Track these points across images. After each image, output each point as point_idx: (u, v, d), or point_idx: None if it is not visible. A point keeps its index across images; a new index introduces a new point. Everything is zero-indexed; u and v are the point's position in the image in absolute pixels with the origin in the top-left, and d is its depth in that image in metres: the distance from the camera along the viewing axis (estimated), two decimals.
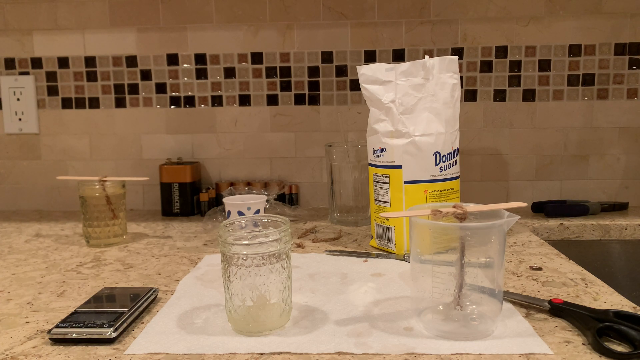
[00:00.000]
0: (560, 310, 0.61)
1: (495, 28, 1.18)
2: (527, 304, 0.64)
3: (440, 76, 0.84)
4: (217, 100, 1.24)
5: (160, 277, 0.78)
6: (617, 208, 1.15)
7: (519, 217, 0.57)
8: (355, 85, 1.21)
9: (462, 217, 0.57)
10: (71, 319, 0.59)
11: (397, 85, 0.84)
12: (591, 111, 1.19)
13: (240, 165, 1.25)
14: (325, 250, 0.89)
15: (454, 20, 1.18)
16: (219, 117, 1.24)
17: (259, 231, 0.61)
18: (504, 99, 1.20)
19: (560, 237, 1.07)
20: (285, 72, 1.22)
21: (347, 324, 0.60)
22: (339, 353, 0.53)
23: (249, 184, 1.21)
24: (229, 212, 0.94)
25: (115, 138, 1.26)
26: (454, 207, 0.57)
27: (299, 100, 1.22)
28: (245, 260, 0.56)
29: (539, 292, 0.69)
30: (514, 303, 0.65)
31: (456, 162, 0.86)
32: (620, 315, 0.57)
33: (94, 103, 1.25)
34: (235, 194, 1.00)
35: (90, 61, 1.24)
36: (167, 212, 1.19)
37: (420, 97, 0.83)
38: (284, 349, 0.54)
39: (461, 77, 1.18)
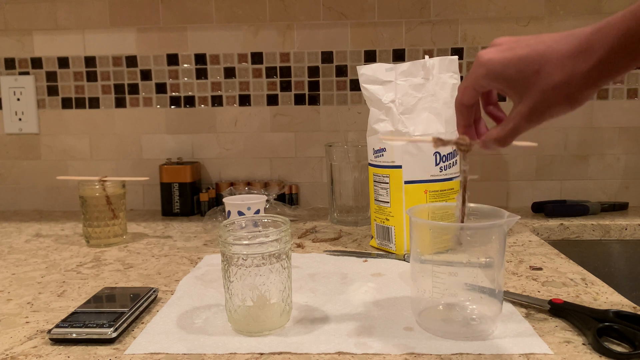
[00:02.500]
0: (560, 310, 0.61)
1: (495, 28, 1.18)
2: (527, 304, 0.64)
3: (440, 76, 0.84)
4: (217, 100, 1.24)
5: (160, 277, 0.78)
6: (617, 208, 1.15)
7: (520, 217, 0.57)
8: (355, 85, 1.21)
9: (465, 149, 0.53)
10: (71, 319, 0.59)
11: (397, 85, 0.84)
12: (591, 111, 1.19)
13: (240, 165, 1.25)
14: (325, 250, 0.89)
15: (454, 20, 1.18)
16: (219, 117, 1.24)
17: (259, 231, 0.61)
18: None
19: (560, 237, 1.07)
20: (285, 72, 1.22)
21: (347, 324, 0.60)
22: (339, 353, 0.53)
23: (249, 184, 1.21)
24: (229, 212, 0.93)
25: (115, 138, 1.26)
26: (458, 138, 0.54)
27: (299, 100, 1.22)
28: (245, 260, 0.56)
29: (539, 292, 0.69)
30: (514, 303, 0.65)
31: (456, 162, 0.86)
32: (620, 315, 0.57)
33: (94, 103, 1.25)
34: (235, 194, 1.00)
35: (90, 61, 1.24)
36: (167, 212, 1.19)
37: (420, 97, 0.83)
38: (284, 349, 0.54)
39: (461, 77, 1.18)
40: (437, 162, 0.83)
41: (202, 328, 0.60)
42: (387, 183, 0.86)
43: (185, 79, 1.23)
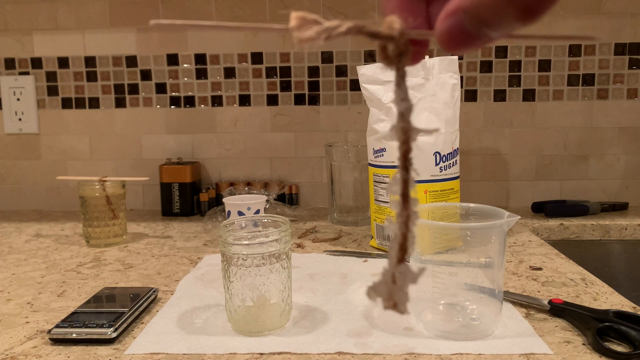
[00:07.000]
0: (560, 310, 0.61)
1: None
2: (527, 304, 0.64)
3: (440, 76, 0.84)
4: (217, 100, 1.24)
5: (160, 277, 0.78)
6: (617, 208, 1.14)
7: (519, 217, 0.57)
8: (355, 85, 1.21)
9: (395, 50, 0.25)
10: (71, 319, 0.59)
11: None
12: (591, 111, 1.19)
13: (240, 165, 1.25)
14: (325, 250, 0.89)
15: None
16: (219, 117, 1.24)
17: (259, 231, 0.61)
18: (504, 99, 1.20)
19: (560, 237, 1.07)
20: (285, 72, 1.22)
21: (347, 324, 0.60)
22: (339, 353, 0.53)
23: (249, 184, 1.21)
24: (229, 212, 0.93)
25: (115, 138, 1.26)
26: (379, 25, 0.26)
27: (299, 100, 1.22)
28: (245, 260, 0.56)
29: (539, 292, 0.69)
30: (514, 303, 0.65)
31: (456, 162, 0.86)
32: (620, 315, 0.57)
33: (94, 103, 1.25)
34: (235, 194, 1.00)
35: (90, 61, 1.24)
36: (167, 212, 1.19)
37: (420, 97, 0.83)
38: (284, 349, 0.54)
39: (461, 77, 1.18)
40: (437, 162, 0.83)
41: (202, 328, 0.60)
42: (387, 183, 0.86)
43: (185, 79, 1.23)
